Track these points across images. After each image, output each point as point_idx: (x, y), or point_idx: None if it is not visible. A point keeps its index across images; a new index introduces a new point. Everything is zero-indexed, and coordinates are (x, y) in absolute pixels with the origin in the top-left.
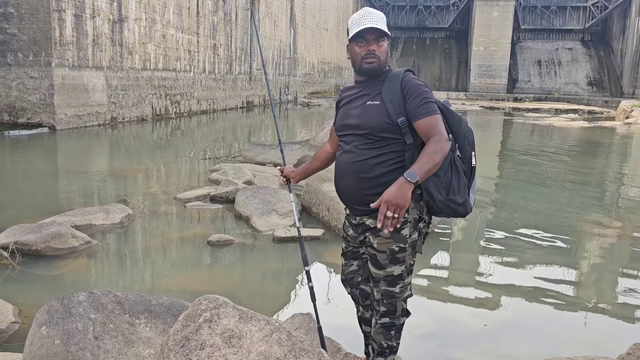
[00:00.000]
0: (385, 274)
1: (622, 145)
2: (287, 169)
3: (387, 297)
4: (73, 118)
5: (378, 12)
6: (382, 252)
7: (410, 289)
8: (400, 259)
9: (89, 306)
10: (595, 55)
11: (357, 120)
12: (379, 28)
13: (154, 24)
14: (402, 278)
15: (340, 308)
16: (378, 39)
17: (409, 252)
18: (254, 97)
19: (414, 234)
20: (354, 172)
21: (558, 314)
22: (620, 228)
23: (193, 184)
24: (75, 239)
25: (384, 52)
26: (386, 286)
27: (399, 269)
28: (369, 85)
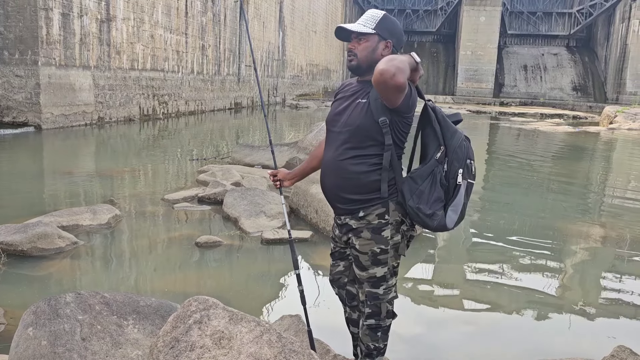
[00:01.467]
0: (368, 276)
1: (606, 151)
2: (282, 173)
3: (371, 299)
4: (59, 117)
5: (375, 12)
6: (363, 253)
7: (395, 291)
8: (382, 261)
9: (76, 307)
10: (580, 61)
11: (345, 118)
12: (346, 28)
13: (142, 23)
14: (386, 280)
15: (329, 310)
16: (358, 38)
17: (391, 254)
18: (242, 98)
19: (396, 236)
20: (335, 171)
21: (543, 317)
22: (603, 232)
23: (181, 185)
24: (61, 240)
25: (363, 49)
26: (370, 287)
27: (381, 270)
28: (364, 84)
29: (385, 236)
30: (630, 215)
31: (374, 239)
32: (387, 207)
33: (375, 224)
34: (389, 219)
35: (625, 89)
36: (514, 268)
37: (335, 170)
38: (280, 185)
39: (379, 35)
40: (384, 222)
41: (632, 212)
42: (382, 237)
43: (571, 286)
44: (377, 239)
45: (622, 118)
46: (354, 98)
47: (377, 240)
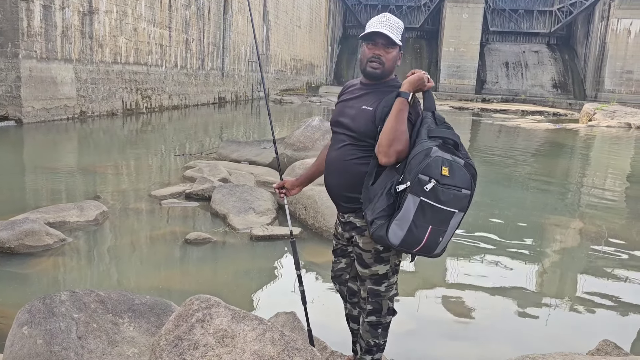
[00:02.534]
0: (370, 273)
1: (585, 148)
2: (288, 182)
3: (372, 296)
4: (41, 111)
5: (397, 20)
6: (367, 251)
7: (396, 288)
8: (385, 258)
9: (71, 305)
10: (560, 59)
11: (350, 122)
12: (388, 36)
13: (125, 16)
14: (388, 277)
15: (323, 305)
16: (387, 46)
17: (393, 252)
18: (226, 93)
19: None
20: (340, 171)
21: (528, 312)
22: (583, 228)
23: (167, 181)
24: (49, 237)
25: (391, 59)
26: (372, 285)
27: (384, 268)
28: (373, 91)
29: None
30: (608, 211)
31: None
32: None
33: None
34: None
35: (604, 87)
36: (497, 264)
37: (340, 169)
38: (287, 195)
39: (400, 47)
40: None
41: (610, 207)
42: None
43: (554, 282)
44: None
45: (601, 115)
46: (360, 103)
47: None
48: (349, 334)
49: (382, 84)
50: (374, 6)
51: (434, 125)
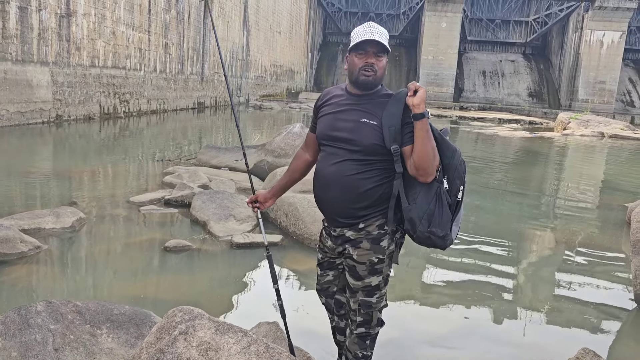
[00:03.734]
0: (363, 285)
1: (560, 156)
2: (261, 195)
3: (364, 307)
4: (15, 115)
5: (382, 28)
6: (361, 263)
7: (386, 299)
8: (378, 270)
9: (48, 316)
10: (536, 68)
11: (350, 136)
12: (381, 42)
13: (103, 19)
14: (379, 288)
15: (308, 314)
16: (378, 53)
17: (387, 262)
18: (205, 98)
19: (391, 245)
20: (340, 186)
21: (507, 321)
22: (560, 235)
23: (146, 187)
24: (24, 244)
25: (382, 67)
26: (364, 297)
27: (376, 279)
28: (364, 101)
29: (383, 246)
30: (582, 218)
31: (373, 249)
32: (387, 218)
33: (375, 234)
34: (387, 229)
35: (578, 97)
36: (473, 272)
37: (343, 185)
38: (260, 208)
39: (388, 52)
40: (383, 232)
41: (584, 215)
42: (380, 247)
43: (531, 290)
44: (375, 249)
45: (575, 124)
46: (356, 116)
47: (375, 250)
48: (332, 344)
49: (374, 94)
50: (353, 14)
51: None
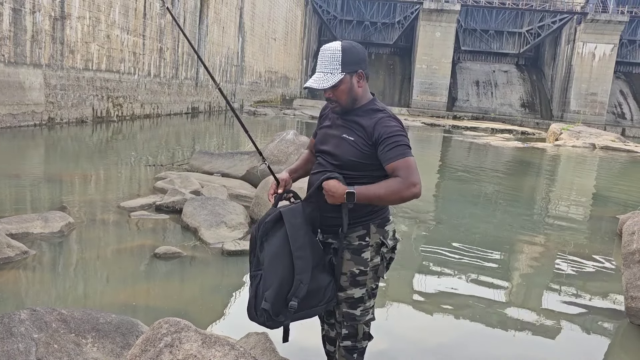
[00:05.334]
0: (346, 296)
1: (552, 166)
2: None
3: (348, 320)
4: (6, 117)
5: (333, 48)
6: (342, 273)
7: (373, 313)
8: (360, 282)
9: (31, 325)
10: (529, 79)
11: (333, 150)
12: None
13: (98, 23)
14: (363, 301)
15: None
16: (332, 88)
17: (370, 275)
18: (199, 103)
19: (375, 258)
20: (321, 194)
21: (496, 332)
22: (551, 246)
23: (137, 192)
24: (10, 249)
25: (342, 93)
26: (347, 308)
27: (359, 291)
28: (348, 117)
29: (365, 258)
30: (573, 228)
31: (354, 259)
32: (368, 230)
33: (355, 245)
34: (369, 240)
35: (570, 108)
36: (463, 283)
37: (321, 193)
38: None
39: (349, 73)
40: (364, 244)
41: (575, 225)
42: (361, 258)
43: (522, 300)
44: (356, 260)
45: (567, 135)
46: (340, 132)
47: (356, 261)
48: (324, 356)
49: (358, 110)
50: (349, 21)
51: None
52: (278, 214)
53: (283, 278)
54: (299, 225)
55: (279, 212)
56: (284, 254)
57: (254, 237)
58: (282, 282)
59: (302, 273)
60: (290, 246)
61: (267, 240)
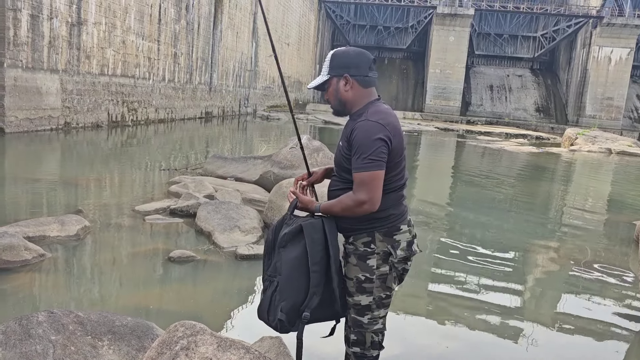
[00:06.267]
0: (353, 302)
1: (567, 172)
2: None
3: (355, 326)
4: (24, 121)
5: (329, 53)
6: (349, 278)
7: (383, 323)
8: (367, 289)
9: (49, 327)
10: (543, 83)
11: (335, 156)
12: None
13: (114, 29)
14: (371, 309)
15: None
16: (323, 88)
17: (377, 284)
18: (213, 107)
19: (383, 266)
20: (328, 198)
21: (510, 339)
22: (565, 252)
23: (151, 196)
24: (28, 252)
25: (330, 95)
26: (354, 314)
27: (366, 299)
28: (347, 124)
29: (371, 265)
30: (588, 235)
31: (359, 265)
32: (373, 237)
33: (361, 251)
34: (374, 248)
35: (585, 112)
36: (476, 288)
37: (328, 197)
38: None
39: (335, 76)
40: (370, 251)
41: (591, 232)
42: (367, 265)
43: (536, 307)
44: (362, 266)
45: (583, 140)
46: (340, 138)
47: (362, 267)
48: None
49: (352, 116)
50: (362, 26)
51: None
52: (299, 227)
53: (299, 291)
54: (318, 241)
55: (299, 226)
56: (301, 267)
57: (270, 242)
58: (298, 295)
59: (317, 286)
60: (308, 260)
61: (285, 249)
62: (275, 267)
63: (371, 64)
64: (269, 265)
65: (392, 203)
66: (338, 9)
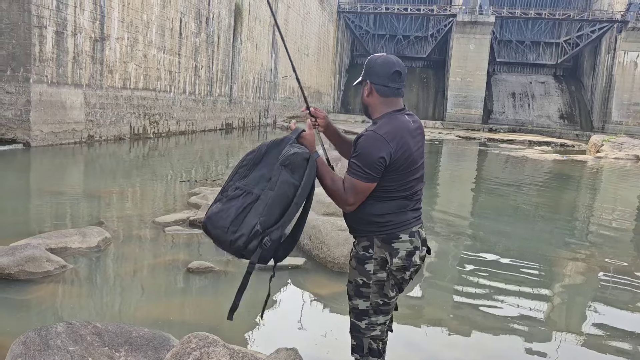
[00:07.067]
0: (352, 306)
1: (593, 180)
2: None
3: (353, 330)
4: (49, 135)
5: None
6: (349, 281)
7: (382, 330)
8: (364, 293)
9: (67, 338)
10: (567, 90)
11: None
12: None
13: (135, 43)
14: (368, 315)
15: (337, 340)
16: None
17: (374, 289)
18: (233, 119)
19: (380, 272)
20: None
21: (535, 350)
22: (593, 262)
23: (172, 208)
24: (50, 263)
25: (363, 97)
26: (353, 318)
27: (363, 303)
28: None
29: (368, 270)
30: (617, 245)
31: (358, 269)
32: (372, 242)
33: (360, 255)
34: (372, 253)
35: (611, 119)
36: (501, 298)
37: None
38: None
39: (364, 80)
40: (368, 256)
41: (617, 240)
42: (364, 269)
43: (562, 318)
44: (360, 270)
45: (609, 147)
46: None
47: (360, 271)
48: None
49: (373, 121)
50: (381, 36)
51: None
52: (308, 155)
53: (274, 215)
54: (312, 178)
55: (309, 155)
56: (288, 193)
57: (260, 154)
58: (271, 218)
59: (289, 220)
60: (295, 189)
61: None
62: (269, 181)
63: (393, 75)
64: (244, 176)
65: (392, 210)
66: (357, 19)
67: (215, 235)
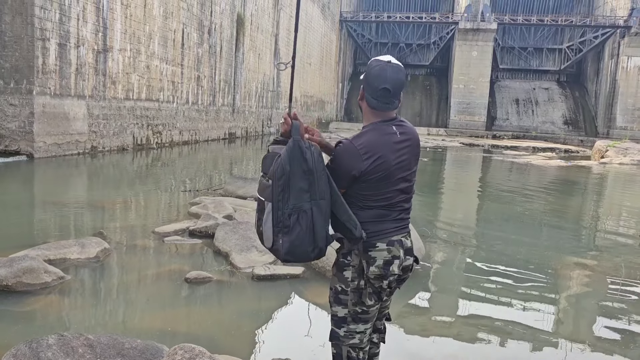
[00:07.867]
0: (332, 312)
1: (598, 185)
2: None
3: (332, 337)
4: (52, 146)
5: None
6: (330, 288)
7: (362, 339)
8: (342, 300)
9: (58, 350)
10: (571, 96)
11: None
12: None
13: (138, 54)
14: (346, 322)
15: (323, 350)
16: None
17: (351, 297)
18: (236, 128)
19: (358, 280)
20: None
21: (536, 356)
22: (599, 269)
23: (172, 218)
24: (47, 274)
25: (358, 99)
26: (333, 326)
27: (342, 311)
28: None
29: (346, 277)
30: (623, 251)
31: (337, 276)
32: (349, 250)
33: (340, 261)
34: (350, 260)
35: (616, 124)
36: (507, 306)
37: None
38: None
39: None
40: (346, 263)
41: (623, 247)
42: (343, 275)
43: (568, 326)
44: (339, 277)
45: (613, 152)
46: None
47: (339, 277)
48: None
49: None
50: (384, 44)
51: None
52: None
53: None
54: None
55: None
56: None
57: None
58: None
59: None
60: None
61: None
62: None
63: (381, 91)
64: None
65: (369, 219)
66: (359, 27)
67: (300, 261)
